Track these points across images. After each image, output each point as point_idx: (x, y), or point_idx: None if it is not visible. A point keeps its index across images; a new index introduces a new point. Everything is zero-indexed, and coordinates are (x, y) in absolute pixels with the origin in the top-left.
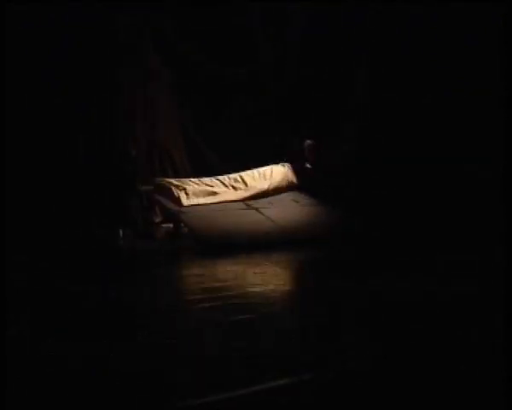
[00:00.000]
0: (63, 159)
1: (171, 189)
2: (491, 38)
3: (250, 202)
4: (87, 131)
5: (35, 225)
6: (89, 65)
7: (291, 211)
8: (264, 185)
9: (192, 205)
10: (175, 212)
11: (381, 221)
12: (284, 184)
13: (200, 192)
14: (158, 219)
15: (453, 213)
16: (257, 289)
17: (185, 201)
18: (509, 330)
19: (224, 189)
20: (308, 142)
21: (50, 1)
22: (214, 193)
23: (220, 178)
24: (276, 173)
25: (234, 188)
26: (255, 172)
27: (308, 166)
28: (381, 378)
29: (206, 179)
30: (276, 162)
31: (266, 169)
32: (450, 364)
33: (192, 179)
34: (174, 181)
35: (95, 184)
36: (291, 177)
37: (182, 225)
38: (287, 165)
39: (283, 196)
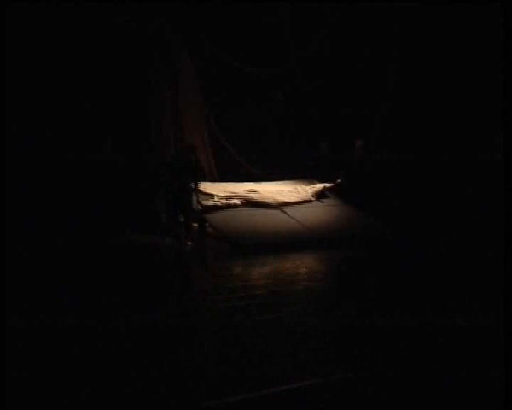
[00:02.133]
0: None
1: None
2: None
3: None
4: (115, 133)
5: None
6: (120, 66)
7: (316, 211)
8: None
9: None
10: (201, 212)
11: (396, 224)
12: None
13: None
14: (183, 220)
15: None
16: (281, 288)
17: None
18: (509, 332)
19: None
20: (359, 142)
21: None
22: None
23: None
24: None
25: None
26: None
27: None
28: (385, 383)
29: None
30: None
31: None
32: (451, 368)
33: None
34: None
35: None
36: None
37: (207, 225)
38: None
39: None
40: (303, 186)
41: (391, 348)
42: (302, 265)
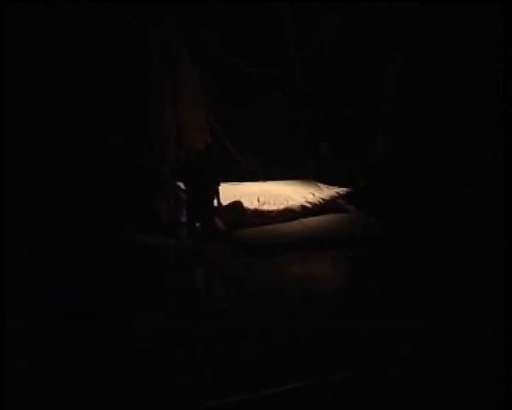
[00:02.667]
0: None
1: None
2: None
3: None
4: (118, 133)
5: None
6: (120, 66)
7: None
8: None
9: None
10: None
11: (396, 224)
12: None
13: None
14: (184, 219)
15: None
16: (281, 289)
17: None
18: (509, 332)
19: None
20: (382, 142)
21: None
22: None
23: None
24: None
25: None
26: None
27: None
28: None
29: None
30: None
31: None
32: (451, 368)
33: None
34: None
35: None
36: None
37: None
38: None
39: None
40: (325, 191)
41: (391, 348)
42: (302, 265)
